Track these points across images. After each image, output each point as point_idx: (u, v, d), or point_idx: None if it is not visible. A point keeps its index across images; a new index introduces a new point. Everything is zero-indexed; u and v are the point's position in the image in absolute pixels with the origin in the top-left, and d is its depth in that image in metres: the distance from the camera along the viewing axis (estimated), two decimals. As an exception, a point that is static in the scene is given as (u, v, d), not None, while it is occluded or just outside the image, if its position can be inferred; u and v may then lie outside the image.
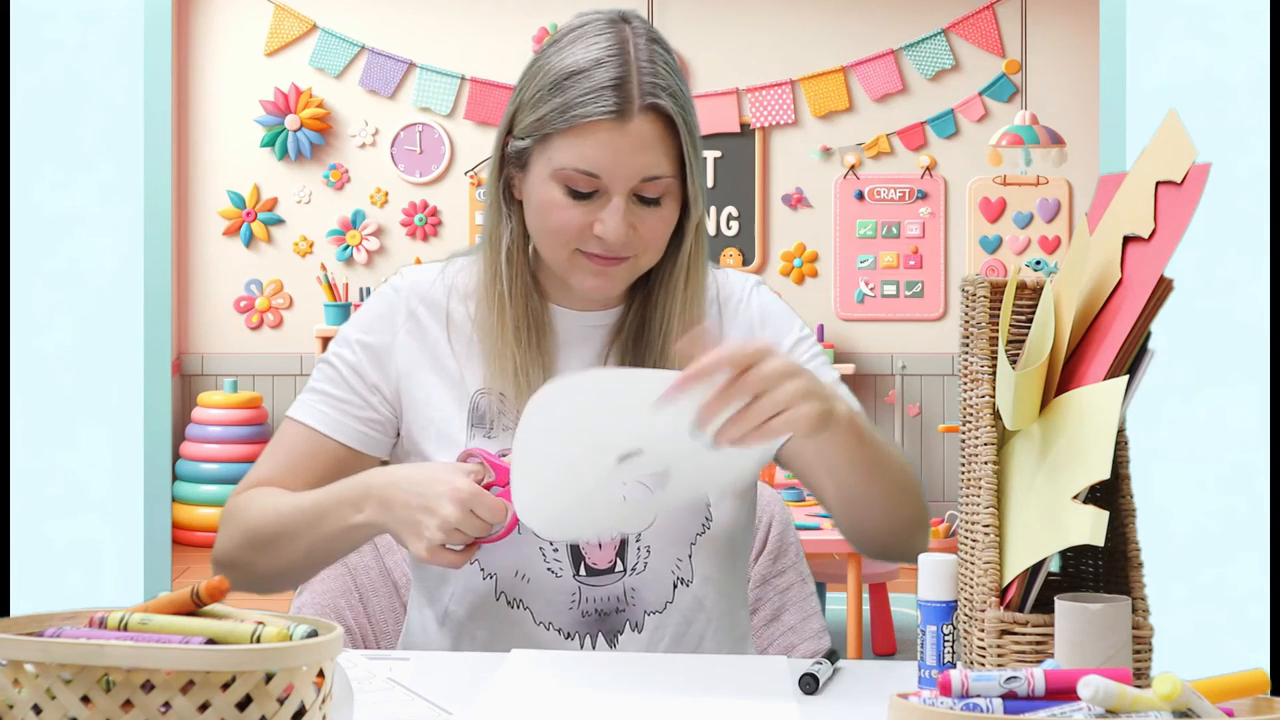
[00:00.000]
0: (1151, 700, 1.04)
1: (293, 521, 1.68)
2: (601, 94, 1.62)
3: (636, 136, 1.63)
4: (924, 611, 1.45)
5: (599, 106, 1.62)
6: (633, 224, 1.65)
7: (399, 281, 1.81)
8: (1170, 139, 1.37)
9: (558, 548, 1.70)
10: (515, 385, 1.72)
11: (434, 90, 7.17)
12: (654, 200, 1.66)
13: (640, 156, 1.63)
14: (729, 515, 1.75)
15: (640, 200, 1.65)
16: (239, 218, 7.21)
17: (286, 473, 1.75)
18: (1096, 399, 1.32)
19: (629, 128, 1.62)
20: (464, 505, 1.54)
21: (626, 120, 1.62)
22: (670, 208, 1.67)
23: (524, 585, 1.71)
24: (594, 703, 1.44)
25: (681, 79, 1.68)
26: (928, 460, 7.27)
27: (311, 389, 1.78)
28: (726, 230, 7.23)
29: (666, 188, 1.65)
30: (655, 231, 1.67)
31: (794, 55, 7.22)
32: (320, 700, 1.10)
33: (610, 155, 1.63)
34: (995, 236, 7.21)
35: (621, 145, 1.62)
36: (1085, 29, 6.96)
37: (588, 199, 1.65)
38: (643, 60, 1.64)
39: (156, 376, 3.41)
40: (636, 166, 1.63)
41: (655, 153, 1.64)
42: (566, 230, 1.66)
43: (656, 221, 1.67)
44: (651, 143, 1.63)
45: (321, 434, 1.75)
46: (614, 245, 1.65)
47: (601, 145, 1.63)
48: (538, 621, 1.71)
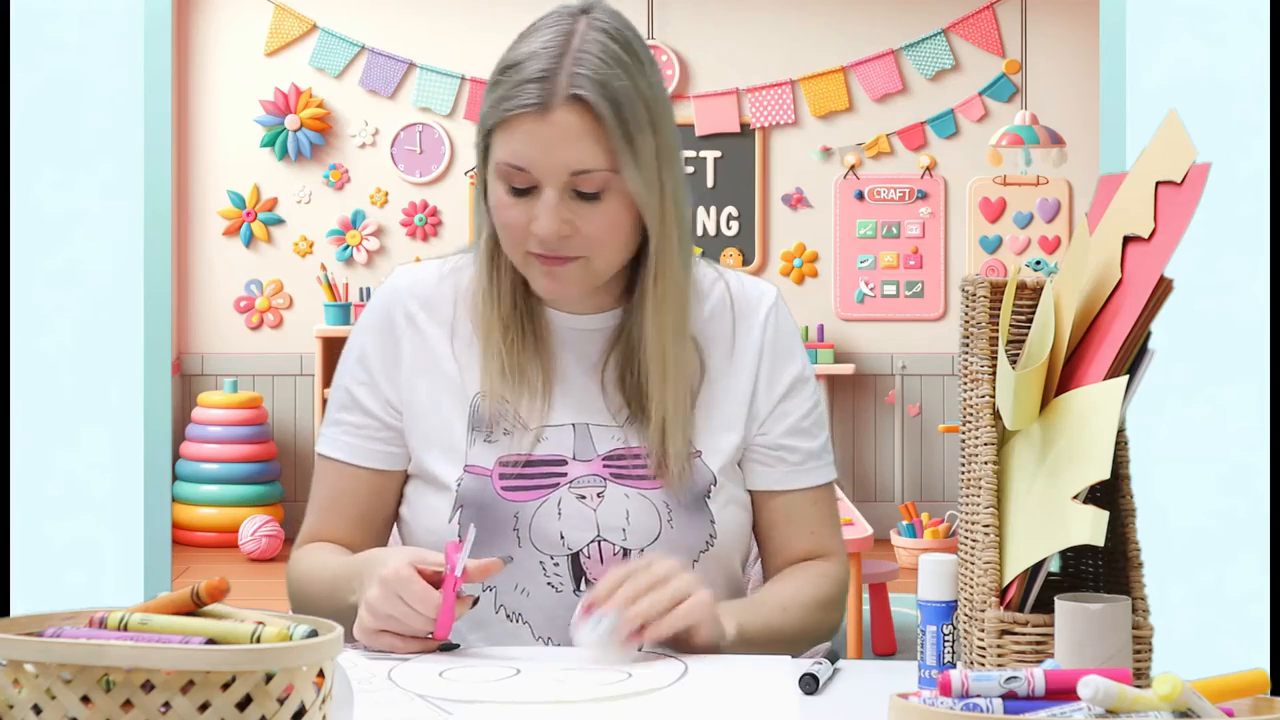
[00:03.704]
0: (1151, 700, 1.04)
1: (318, 592, 1.71)
2: (527, 87, 1.60)
3: (559, 128, 1.60)
4: (924, 611, 1.45)
5: (522, 99, 1.60)
6: (570, 220, 1.63)
7: (395, 283, 1.80)
8: (1170, 139, 1.37)
9: (559, 561, 1.70)
10: (513, 387, 1.72)
11: (434, 90, 7.17)
12: (593, 195, 1.62)
13: (565, 149, 1.60)
14: (734, 531, 1.76)
15: (580, 196, 1.63)
16: (239, 218, 7.21)
17: (331, 515, 1.78)
18: (1096, 399, 1.32)
19: (551, 119, 1.60)
20: (388, 587, 1.53)
21: (548, 112, 1.60)
22: (615, 204, 1.63)
23: (524, 599, 1.71)
24: (594, 701, 1.43)
25: (634, 71, 1.63)
26: (928, 460, 7.27)
27: (330, 420, 1.79)
28: (726, 230, 7.22)
29: (604, 182, 1.62)
30: (598, 229, 1.64)
31: (794, 55, 7.22)
32: (320, 700, 1.10)
33: (534, 148, 1.61)
34: (995, 236, 7.21)
35: (545, 138, 1.60)
36: (1085, 29, 6.96)
37: (526, 195, 1.63)
38: (580, 51, 1.61)
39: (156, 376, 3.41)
40: (561, 159, 1.60)
41: (582, 146, 1.60)
42: (513, 229, 1.65)
43: (598, 218, 1.63)
44: (577, 135, 1.60)
45: (350, 465, 1.77)
46: (549, 243, 1.63)
47: (526, 138, 1.61)
48: (537, 636, 1.71)
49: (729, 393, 1.77)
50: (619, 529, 1.69)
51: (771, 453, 1.79)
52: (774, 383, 1.79)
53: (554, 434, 1.72)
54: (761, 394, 1.78)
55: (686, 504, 1.71)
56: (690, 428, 1.72)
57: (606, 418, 1.73)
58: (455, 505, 1.71)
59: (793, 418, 1.79)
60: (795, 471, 1.80)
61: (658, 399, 1.70)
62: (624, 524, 1.70)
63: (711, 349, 1.77)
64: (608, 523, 1.70)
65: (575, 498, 1.70)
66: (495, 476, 1.70)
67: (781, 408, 1.79)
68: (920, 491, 7.25)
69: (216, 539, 6.72)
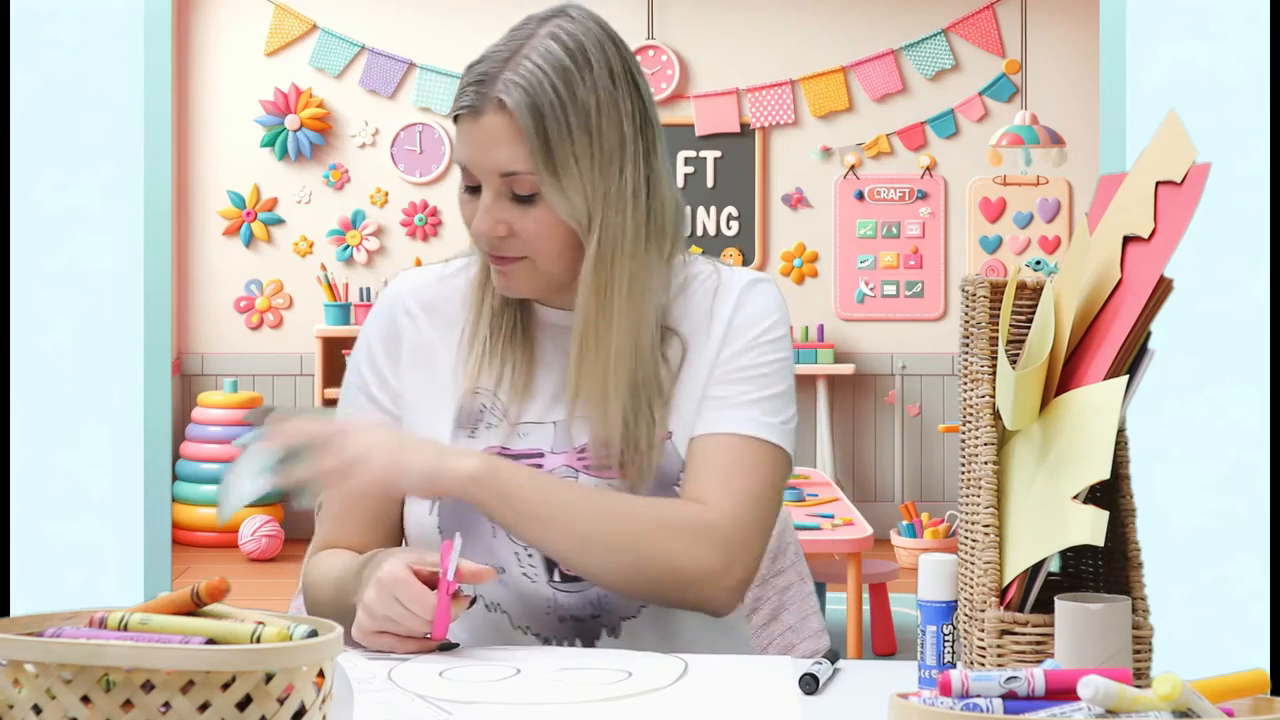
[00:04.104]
0: (1151, 700, 1.04)
1: (327, 597, 1.72)
2: (468, 89, 1.65)
3: (488, 132, 1.63)
4: (924, 611, 1.45)
5: (462, 101, 1.65)
6: (505, 221, 1.66)
7: (395, 286, 1.83)
8: (1170, 139, 1.37)
9: (532, 553, 1.71)
10: (497, 381, 1.73)
11: (434, 90, 7.17)
12: (527, 198, 1.65)
13: (494, 152, 1.64)
14: None
15: (515, 198, 1.65)
16: (239, 218, 7.21)
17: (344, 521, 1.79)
18: (1096, 399, 1.32)
19: (481, 122, 1.64)
20: (384, 589, 1.55)
21: (479, 116, 1.64)
22: (548, 207, 1.65)
23: (502, 590, 1.72)
24: (594, 701, 1.44)
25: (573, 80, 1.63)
26: (927, 460, 7.27)
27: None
28: (726, 230, 7.22)
29: (534, 185, 1.64)
30: (533, 231, 1.66)
31: (794, 55, 7.22)
32: (320, 700, 1.10)
33: (469, 149, 1.66)
34: (995, 236, 7.21)
35: (477, 140, 1.64)
36: (1085, 29, 6.96)
37: (477, 194, 1.67)
38: (524, 57, 1.63)
39: (156, 376, 3.41)
40: (492, 161, 1.64)
41: (509, 149, 1.63)
42: (470, 226, 1.69)
43: (531, 220, 1.65)
44: (505, 138, 1.63)
45: None
46: (489, 241, 1.67)
47: (464, 139, 1.66)
48: (516, 625, 1.72)
49: (699, 370, 1.73)
50: None
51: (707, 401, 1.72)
52: (733, 341, 1.73)
53: (533, 430, 1.73)
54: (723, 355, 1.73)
55: (656, 490, 1.69)
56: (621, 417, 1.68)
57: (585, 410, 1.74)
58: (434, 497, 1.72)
59: (730, 366, 1.73)
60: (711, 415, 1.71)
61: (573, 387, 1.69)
62: None
63: (694, 337, 1.75)
64: None
65: None
66: None
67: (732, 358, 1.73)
68: (920, 491, 7.25)
69: (216, 539, 6.72)
